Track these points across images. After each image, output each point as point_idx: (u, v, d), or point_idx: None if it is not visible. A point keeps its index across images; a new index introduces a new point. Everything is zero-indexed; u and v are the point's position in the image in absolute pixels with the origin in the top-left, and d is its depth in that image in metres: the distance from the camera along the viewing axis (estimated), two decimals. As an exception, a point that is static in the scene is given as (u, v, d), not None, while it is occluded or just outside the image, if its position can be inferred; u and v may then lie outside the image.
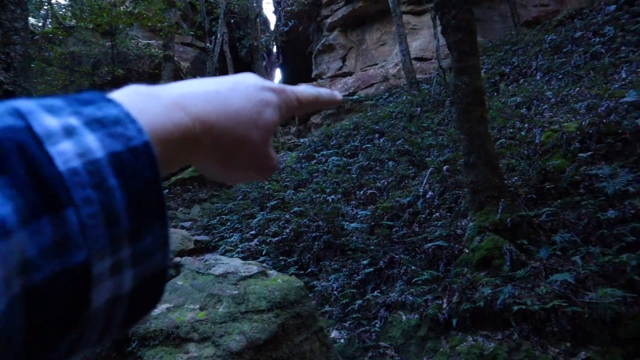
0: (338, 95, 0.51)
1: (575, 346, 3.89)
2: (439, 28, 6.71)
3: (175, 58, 17.31)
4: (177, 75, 17.68)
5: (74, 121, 0.26)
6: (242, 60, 24.35)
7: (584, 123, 5.82)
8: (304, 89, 0.46)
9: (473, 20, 5.32)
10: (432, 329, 4.38)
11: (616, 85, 7.10)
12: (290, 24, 23.37)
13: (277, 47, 27.29)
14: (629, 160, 5.18)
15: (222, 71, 21.27)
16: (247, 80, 0.40)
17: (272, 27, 29.00)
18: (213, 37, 19.75)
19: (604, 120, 5.64)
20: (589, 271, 4.11)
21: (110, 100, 0.29)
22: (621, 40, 9.20)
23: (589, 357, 3.81)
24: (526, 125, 6.86)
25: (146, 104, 0.31)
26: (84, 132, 0.25)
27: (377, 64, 19.94)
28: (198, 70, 21.50)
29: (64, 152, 0.24)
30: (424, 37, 18.63)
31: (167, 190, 11.64)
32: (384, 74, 18.91)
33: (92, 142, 0.25)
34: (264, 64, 26.17)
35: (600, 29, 10.01)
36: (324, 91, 0.48)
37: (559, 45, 10.58)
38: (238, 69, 23.18)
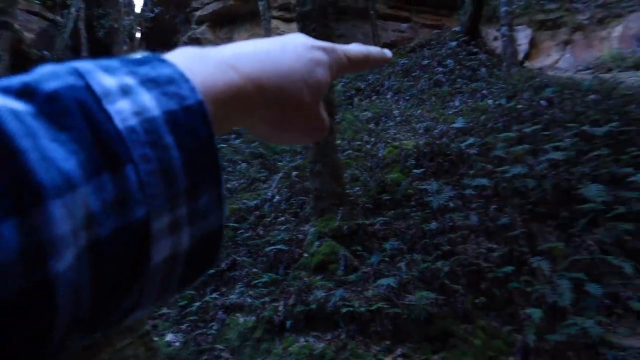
0: (388, 52, 0.51)
1: (394, 344, 4.37)
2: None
3: (17, 26, 15.13)
4: (18, 47, 15.48)
5: (129, 80, 0.26)
6: (99, 41, 22.32)
7: (420, 142, 6.59)
8: (355, 47, 0.47)
9: (332, 36, 5.70)
10: (268, 330, 4.53)
11: (450, 112, 8.19)
12: (156, 11, 22.15)
13: (141, 33, 25.62)
14: (453, 179, 6.02)
15: (74, 49, 19.24)
16: (297, 40, 0.41)
17: (137, 10, 27.12)
18: (66, 10, 17.76)
19: (437, 142, 6.46)
20: (411, 276, 4.67)
21: (163, 61, 0.29)
22: (458, 73, 10.62)
23: (404, 353, 4.32)
24: (373, 139, 7.52)
25: (198, 64, 0.32)
26: (140, 91, 0.26)
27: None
28: (46, 44, 19.11)
29: (122, 111, 0.25)
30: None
31: None
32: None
33: (148, 100, 0.26)
34: (125, 48, 24.33)
35: (444, 60, 11.42)
36: (373, 49, 0.49)
37: (409, 69, 11.80)
38: (94, 51, 21.21)
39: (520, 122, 7.17)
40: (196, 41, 21.07)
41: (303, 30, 5.72)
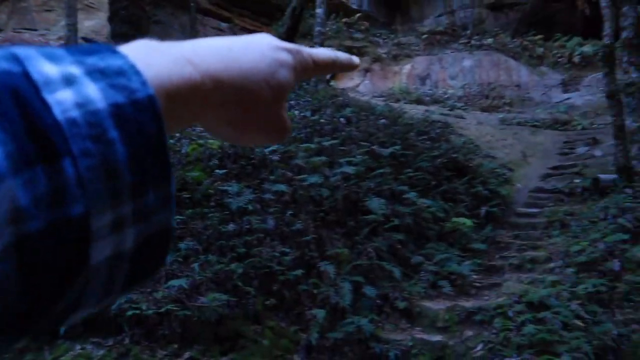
0: (356, 59, 0.52)
1: (181, 347, 4.32)
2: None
3: None
4: None
5: (74, 70, 0.25)
6: None
7: (225, 143, 6.68)
8: (321, 51, 0.47)
9: (145, 19, 5.43)
10: (35, 338, 4.03)
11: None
12: None
13: None
14: (254, 182, 6.26)
15: None
16: (262, 40, 0.40)
17: None
18: None
19: (242, 145, 6.62)
20: (204, 277, 4.69)
21: (114, 52, 0.28)
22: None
23: (192, 357, 4.31)
24: (177, 134, 7.34)
25: (153, 57, 0.31)
26: (85, 81, 0.25)
27: (36, 30, 17.39)
28: None
29: (63, 101, 0.23)
30: (101, 19, 17.49)
31: None
32: (43, 43, 16.60)
33: (93, 92, 0.25)
34: None
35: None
36: (341, 55, 0.50)
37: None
38: None
39: (321, 135, 7.86)
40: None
41: (111, 5, 5.31)
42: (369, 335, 5.02)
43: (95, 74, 0.26)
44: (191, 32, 16.71)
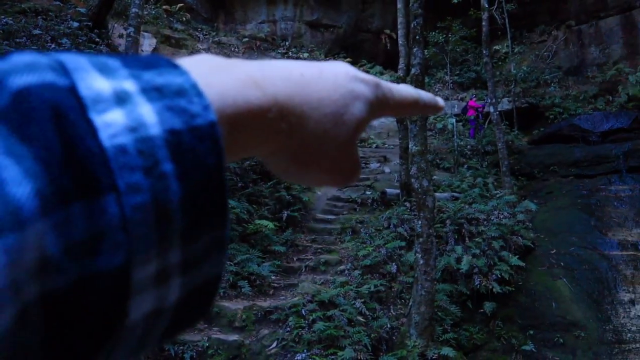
0: (441, 102, 0.45)
1: None
2: None
3: None
4: None
5: (129, 86, 0.21)
6: None
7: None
8: (404, 88, 0.40)
9: None
10: None
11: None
12: None
13: None
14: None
15: None
16: (337, 68, 0.35)
17: None
18: None
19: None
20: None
21: (175, 66, 0.24)
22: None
23: None
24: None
25: (217, 75, 0.27)
26: (140, 100, 0.21)
27: None
28: None
29: (112, 124, 0.20)
30: None
31: None
32: None
33: (148, 114, 0.21)
34: None
35: (59, 37, 10.46)
36: (425, 95, 0.42)
37: (14, 33, 10.19)
38: None
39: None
40: None
41: None
42: (164, 337, 4.82)
43: (152, 92, 0.22)
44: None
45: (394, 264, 7.06)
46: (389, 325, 5.72)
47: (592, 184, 11.11)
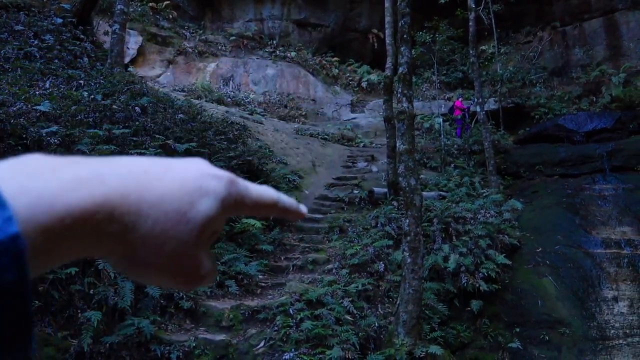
0: (303, 209, 0.43)
1: None
2: None
3: None
4: None
5: None
6: None
7: (-10, 117, 5.64)
8: (263, 189, 0.40)
9: None
10: None
11: (37, 92, 7.39)
12: None
13: None
14: None
15: None
16: (189, 164, 0.34)
17: None
18: None
19: (12, 121, 5.68)
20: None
21: None
22: (57, 54, 9.78)
23: None
24: None
25: (36, 179, 0.25)
26: None
27: None
28: None
29: None
30: None
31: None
32: None
33: None
34: None
35: (43, 33, 10.29)
36: (286, 199, 0.41)
37: (-6, 30, 10.00)
38: None
39: (112, 123, 7.24)
40: None
41: None
42: (150, 337, 4.77)
43: None
44: None
45: (381, 262, 7.07)
46: (376, 324, 5.72)
47: (576, 183, 11.27)
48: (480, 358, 7.01)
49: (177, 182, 0.32)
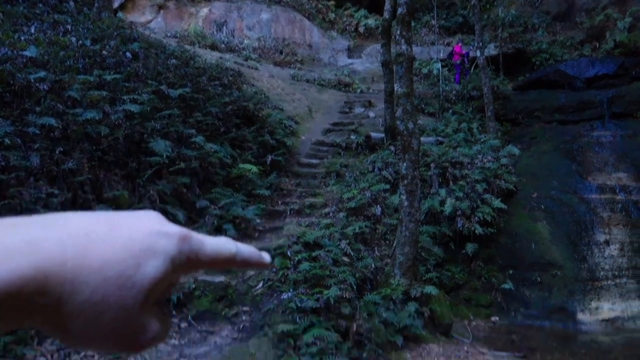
0: (266, 257, 0.41)
1: None
2: None
3: None
4: None
5: None
6: None
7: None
8: (222, 242, 0.36)
9: None
10: None
11: (22, 37, 7.17)
12: None
13: None
14: (14, 113, 5.31)
15: None
16: (137, 221, 0.32)
17: None
18: None
19: (-2, 65, 5.54)
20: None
21: None
22: (41, -3, 9.43)
23: None
24: None
25: None
26: None
27: None
28: None
29: None
30: None
31: None
32: None
33: None
34: None
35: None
36: (246, 250, 0.38)
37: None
38: None
39: (103, 69, 7.06)
40: None
41: None
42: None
43: None
44: None
45: (378, 206, 7.12)
46: (373, 266, 5.82)
47: (575, 130, 11.21)
48: (473, 298, 7.21)
49: (121, 243, 0.31)
